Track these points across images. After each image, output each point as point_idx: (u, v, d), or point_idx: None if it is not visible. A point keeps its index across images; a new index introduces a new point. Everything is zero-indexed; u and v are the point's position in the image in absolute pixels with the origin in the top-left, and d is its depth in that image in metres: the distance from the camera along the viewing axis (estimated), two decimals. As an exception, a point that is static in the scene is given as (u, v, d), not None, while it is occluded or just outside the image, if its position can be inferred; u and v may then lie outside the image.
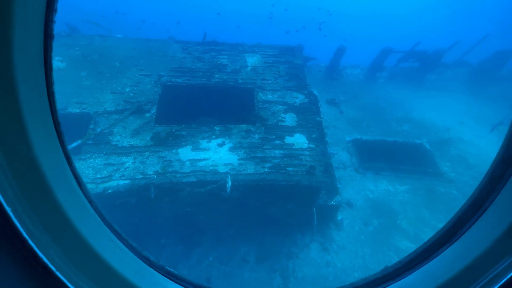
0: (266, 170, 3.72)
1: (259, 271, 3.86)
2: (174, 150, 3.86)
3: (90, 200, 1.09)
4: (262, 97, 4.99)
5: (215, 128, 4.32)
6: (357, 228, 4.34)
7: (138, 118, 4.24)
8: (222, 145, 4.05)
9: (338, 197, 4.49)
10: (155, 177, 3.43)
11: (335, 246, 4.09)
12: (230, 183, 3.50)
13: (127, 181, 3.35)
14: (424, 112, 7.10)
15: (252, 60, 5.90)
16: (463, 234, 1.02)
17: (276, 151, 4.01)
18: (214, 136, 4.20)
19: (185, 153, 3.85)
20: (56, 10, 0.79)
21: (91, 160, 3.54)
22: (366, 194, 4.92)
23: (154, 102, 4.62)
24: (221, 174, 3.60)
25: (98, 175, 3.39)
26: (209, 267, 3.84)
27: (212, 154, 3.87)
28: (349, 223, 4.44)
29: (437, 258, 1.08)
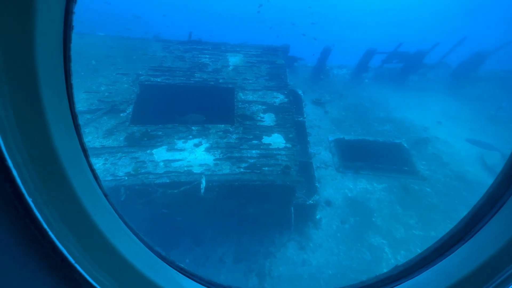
0: (242, 170, 3.71)
1: (236, 272, 3.85)
2: (148, 151, 3.79)
3: (105, 193, 1.08)
4: (242, 97, 4.97)
5: (192, 128, 4.27)
6: (334, 226, 4.39)
7: (112, 118, 4.14)
8: (198, 145, 4.01)
9: (316, 196, 4.53)
10: (126, 178, 3.36)
11: (312, 245, 4.13)
12: (204, 184, 3.47)
13: (97, 182, 3.26)
14: (405, 112, 7.27)
15: (234, 59, 5.87)
16: (477, 232, 1.00)
17: (253, 151, 4.00)
18: (191, 136, 4.15)
19: (159, 153, 3.79)
20: (76, 1, 0.78)
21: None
22: (345, 193, 4.99)
23: (130, 101, 4.52)
24: (195, 175, 3.57)
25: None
26: (185, 269, 3.80)
27: (187, 155, 3.83)
28: (327, 222, 4.49)
29: (450, 256, 1.05)
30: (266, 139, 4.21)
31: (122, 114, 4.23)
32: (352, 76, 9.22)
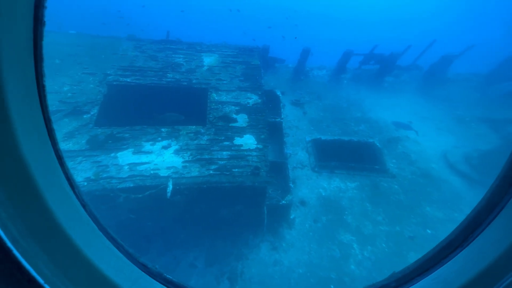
0: (211, 172, 3.65)
1: (207, 276, 3.78)
2: (112, 154, 3.64)
3: (84, 203, 0.99)
4: (216, 97, 4.91)
5: (162, 129, 4.16)
6: (307, 225, 4.45)
7: (74, 120, 3.93)
8: (167, 147, 3.90)
9: (290, 196, 4.57)
10: (85, 184, 3.20)
11: (285, 245, 4.15)
12: (171, 187, 3.38)
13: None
14: (379, 112, 7.53)
15: (209, 60, 5.79)
16: (475, 238, 0.96)
17: (224, 153, 3.96)
18: (160, 138, 4.03)
19: (124, 157, 3.65)
20: None
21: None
22: (319, 192, 5.07)
23: (96, 102, 4.32)
24: (162, 178, 3.47)
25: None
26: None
27: (155, 158, 3.71)
28: (300, 221, 4.54)
29: (448, 263, 1.01)
30: (238, 140, 4.18)
31: (85, 116, 4.03)
32: (331, 77, 9.42)
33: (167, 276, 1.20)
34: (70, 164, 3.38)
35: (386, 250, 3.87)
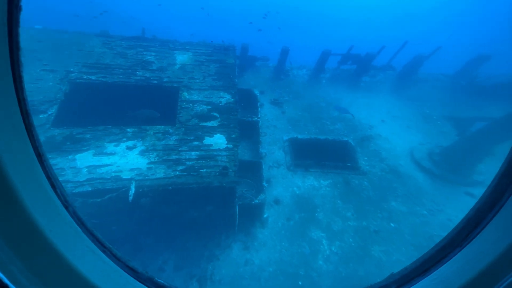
0: (177, 173, 3.56)
1: (176, 279, 3.70)
2: (70, 156, 3.44)
3: (67, 204, 0.92)
4: (187, 96, 4.80)
5: (128, 130, 3.99)
6: (280, 224, 4.48)
7: (28, 121, 3.66)
8: (132, 148, 3.76)
9: (262, 195, 4.58)
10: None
11: (257, 244, 4.16)
12: (133, 190, 3.25)
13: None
14: (355, 111, 7.74)
15: (182, 58, 5.66)
16: (475, 237, 0.94)
17: (192, 153, 3.88)
18: (125, 138, 3.87)
19: (84, 159, 3.46)
20: None
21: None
22: (294, 191, 5.13)
23: (55, 101, 4.06)
24: (124, 181, 3.33)
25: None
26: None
27: (117, 159, 3.56)
28: (273, 220, 4.56)
29: (447, 263, 0.99)
30: (208, 140, 4.11)
31: (41, 116, 3.78)
32: (310, 76, 9.56)
33: (158, 280, 1.15)
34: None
35: (352, 244, 4.00)
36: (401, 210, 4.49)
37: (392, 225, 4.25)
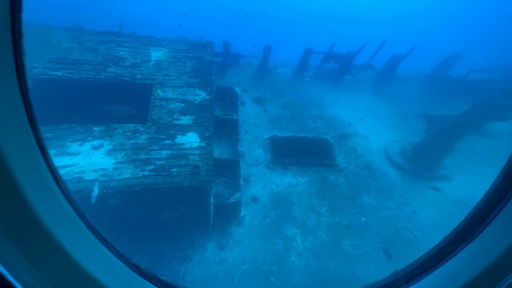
0: (146, 173, 3.46)
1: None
2: (28, 157, 3.24)
3: (70, 199, 0.89)
4: (161, 94, 4.67)
5: (94, 128, 3.83)
6: (256, 222, 4.49)
7: (-19, 119, 3.41)
8: (98, 147, 3.60)
9: (239, 194, 4.56)
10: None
11: (232, 242, 4.14)
12: (97, 192, 3.12)
13: None
14: (336, 109, 7.88)
15: (157, 54, 5.49)
16: (480, 233, 0.93)
17: (163, 152, 3.78)
18: (91, 138, 3.71)
19: (44, 159, 3.27)
20: None
21: None
22: (272, 188, 5.15)
23: (13, 99, 3.80)
24: (87, 182, 3.19)
25: None
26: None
27: (81, 159, 3.40)
28: (250, 218, 4.56)
29: (452, 260, 0.99)
30: (180, 139, 4.03)
31: None
32: (294, 74, 9.61)
33: (162, 277, 1.14)
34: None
35: (325, 239, 4.08)
36: (372, 205, 4.63)
37: (363, 219, 4.38)
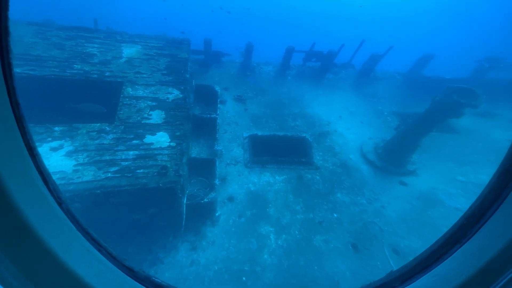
0: (109, 175, 3.33)
1: None
2: (-23, 160, 3.02)
3: (60, 201, 0.89)
4: (131, 92, 4.51)
5: (55, 128, 3.63)
6: (231, 221, 4.46)
7: None
8: (57, 149, 3.42)
9: (213, 193, 4.51)
10: None
11: (205, 243, 4.10)
12: (54, 195, 2.96)
13: None
14: (316, 108, 7.98)
15: (129, 51, 5.30)
16: (475, 234, 0.94)
17: (130, 152, 3.66)
18: (50, 138, 3.52)
19: (-5, 162, 3.06)
20: None
21: None
22: (249, 187, 5.14)
23: (-37, 97, 3.53)
24: (43, 185, 3.01)
25: None
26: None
27: (38, 161, 3.21)
28: (225, 218, 4.53)
29: (447, 260, 0.99)
30: (149, 138, 3.91)
31: None
32: (276, 73, 9.63)
33: (156, 279, 1.12)
34: None
35: (297, 236, 4.13)
36: (344, 201, 4.74)
37: (335, 215, 4.47)
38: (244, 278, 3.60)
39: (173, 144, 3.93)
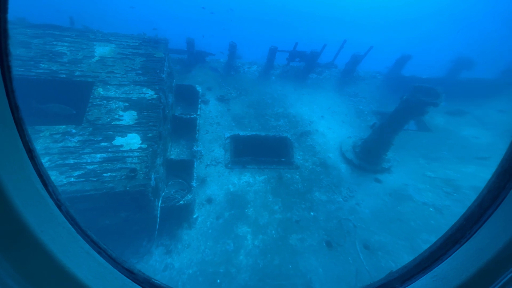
0: (72, 179, 3.19)
1: (82, 295, 3.34)
2: None
3: (60, 203, 0.89)
4: (102, 92, 4.35)
5: (15, 132, 3.44)
6: (208, 223, 4.40)
7: None
8: (17, 153, 3.24)
9: (189, 195, 4.43)
10: None
11: (180, 246, 4.01)
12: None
13: None
14: (299, 107, 8.03)
15: (102, 50, 5.12)
16: (474, 234, 0.94)
17: (97, 155, 3.52)
18: (9, 142, 3.32)
19: None
20: None
21: None
22: (228, 188, 5.09)
23: None
24: (-2, 191, 2.84)
25: None
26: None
27: (-6, 166, 3.03)
28: (202, 220, 4.46)
29: (446, 260, 0.99)
30: (119, 140, 3.78)
31: None
32: (261, 73, 9.63)
33: (155, 281, 1.13)
34: None
35: (274, 236, 4.12)
36: (321, 200, 4.79)
37: (311, 214, 4.51)
38: (218, 281, 3.55)
39: (144, 146, 3.82)
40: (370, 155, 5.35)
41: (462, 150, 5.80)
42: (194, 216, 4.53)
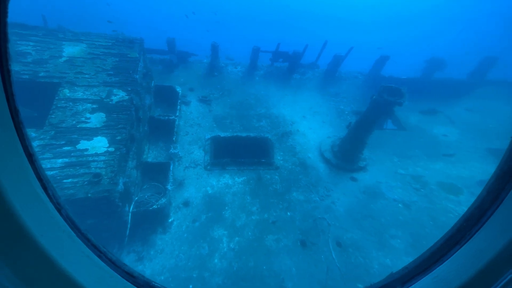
0: (30, 185, 3.01)
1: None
2: None
3: (59, 207, 0.89)
4: (68, 94, 4.16)
5: (-33, 136, 3.21)
6: (184, 227, 4.29)
7: None
8: (-33, 159, 3.02)
9: (164, 199, 4.31)
10: None
11: (153, 252, 3.88)
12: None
13: None
14: (282, 108, 8.05)
15: (71, 50, 4.91)
16: (474, 235, 0.94)
17: (58, 160, 3.35)
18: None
19: None
20: None
21: None
22: (206, 191, 5.00)
23: None
24: None
25: None
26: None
27: None
28: (178, 224, 4.35)
29: (447, 262, 0.99)
30: (84, 144, 3.62)
31: None
32: (244, 73, 9.60)
33: (156, 284, 1.12)
34: None
35: (250, 237, 4.08)
36: (299, 199, 4.80)
37: (288, 214, 4.51)
38: (191, 286, 3.46)
39: (111, 149, 3.67)
40: (346, 154, 5.42)
41: (432, 148, 6.00)
42: (170, 220, 4.41)
